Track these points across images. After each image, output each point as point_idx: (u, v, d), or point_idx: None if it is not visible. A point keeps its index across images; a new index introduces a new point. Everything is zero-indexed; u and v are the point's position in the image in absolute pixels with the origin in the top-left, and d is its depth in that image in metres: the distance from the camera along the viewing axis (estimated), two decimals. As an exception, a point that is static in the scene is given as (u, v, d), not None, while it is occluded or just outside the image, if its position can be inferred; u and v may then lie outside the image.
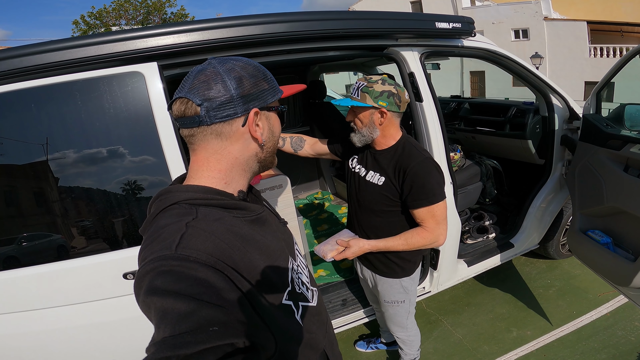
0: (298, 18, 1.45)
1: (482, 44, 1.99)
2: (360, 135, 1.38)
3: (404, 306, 1.62)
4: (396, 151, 1.39)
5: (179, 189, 0.63)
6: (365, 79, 1.33)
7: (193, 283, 0.49)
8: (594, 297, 2.48)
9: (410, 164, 1.31)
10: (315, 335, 0.74)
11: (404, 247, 1.37)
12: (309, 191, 4.00)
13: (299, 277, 0.74)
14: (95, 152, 1.27)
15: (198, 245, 0.53)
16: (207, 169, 0.65)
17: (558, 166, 2.45)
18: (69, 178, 1.28)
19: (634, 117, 1.92)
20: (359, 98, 1.31)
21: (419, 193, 1.30)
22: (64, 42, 1.18)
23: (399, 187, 1.35)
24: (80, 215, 1.34)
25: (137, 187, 1.33)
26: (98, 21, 16.95)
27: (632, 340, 2.10)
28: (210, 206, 0.61)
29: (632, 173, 1.72)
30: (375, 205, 1.42)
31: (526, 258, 2.98)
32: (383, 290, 1.59)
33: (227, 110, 0.61)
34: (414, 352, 1.82)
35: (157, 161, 1.30)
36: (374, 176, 1.41)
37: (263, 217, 0.70)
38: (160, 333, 0.46)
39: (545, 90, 2.30)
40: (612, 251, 1.82)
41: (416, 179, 1.29)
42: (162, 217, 0.59)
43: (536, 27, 19.23)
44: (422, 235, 1.35)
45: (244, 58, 0.67)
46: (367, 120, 1.34)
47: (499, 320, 2.37)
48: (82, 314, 1.37)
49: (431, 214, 1.33)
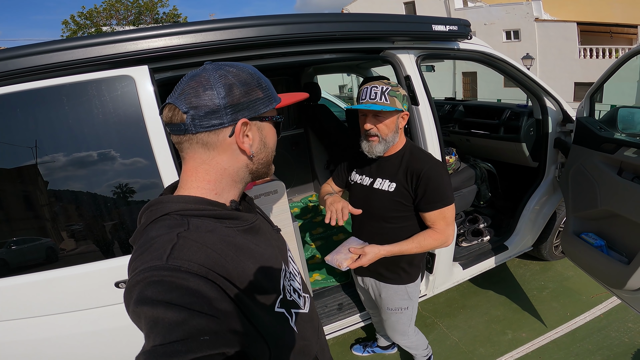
0: (294, 20, 1.42)
1: (477, 46, 1.99)
2: (385, 143, 1.33)
3: (407, 313, 1.61)
4: (404, 156, 1.38)
5: (170, 199, 0.62)
6: (385, 83, 1.28)
7: (184, 293, 0.48)
8: (587, 299, 2.50)
9: (423, 168, 1.30)
10: (309, 342, 0.73)
11: (417, 249, 1.36)
12: (303, 194, 3.97)
13: (291, 284, 0.74)
14: (85, 158, 1.23)
15: (189, 256, 0.52)
16: (196, 179, 0.63)
17: (551, 169, 2.46)
18: (58, 184, 1.24)
19: (627, 120, 1.94)
20: (389, 102, 1.26)
21: (433, 196, 1.31)
22: (50, 45, 1.14)
23: (412, 192, 1.34)
24: (70, 222, 1.30)
25: (129, 194, 1.29)
26: (88, 21, 16.71)
27: (626, 341, 2.12)
28: (202, 217, 0.60)
29: (625, 177, 1.73)
30: (387, 212, 1.40)
31: (520, 260, 3.00)
32: (387, 297, 1.57)
33: (213, 120, 0.59)
34: (424, 351, 1.86)
35: (148, 167, 1.27)
36: (383, 183, 1.39)
37: (256, 225, 0.69)
38: (151, 342, 0.45)
39: (539, 93, 2.31)
40: (606, 254, 1.83)
41: (430, 182, 1.29)
42: (152, 228, 0.58)
43: (527, 28, 19.50)
44: (434, 237, 1.36)
45: (241, 64, 0.65)
46: (394, 126, 1.32)
47: (494, 323, 2.38)
48: (74, 323, 1.34)
49: (442, 216, 1.34)
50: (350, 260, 1.30)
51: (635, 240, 1.67)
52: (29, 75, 1.14)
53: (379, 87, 1.27)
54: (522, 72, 2.20)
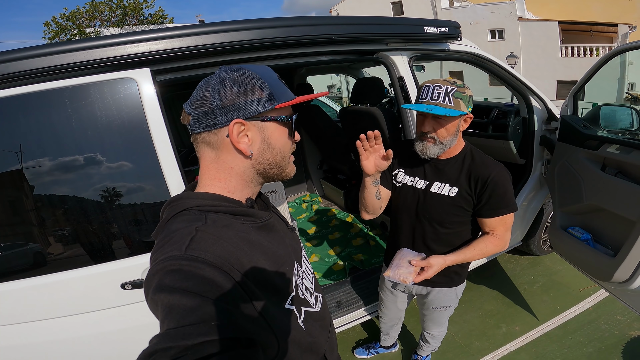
0: (293, 23, 1.45)
1: (467, 47, 2.04)
2: (442, 147, 1.26)
3: (451, 308, 1.64)
4: (464, 159, 1.32)
5: (189, 195, 0.65)
6: (449, 82, 1.19)
7: (200, 281, 0.51)
8: (576, 292, 2.58)
9: (491, 174, 1.25)
10: (317, 339, 0.75)
11: (479, 256, 1.33)
12: (297, 194, 4.00)
13: (303, 283, 0.76)
14: (89, 160, 1.23)
15: (207, 247, 0.55)
16: (209, 177, 0.67)
17: (538, 166, 2.52)
18: (63, 187, 1.24)
19: (609, 118, 2.00)
20: (453, 105, 1.17)
21: (499, 202, 1.27)
22: (50, 47, 1.15)
23: (475, 197, 1.29)
24: (75, 224, 1.30)
25: (133, 195, 1.30)
26: (71, 22, 16.34)
27: (616, 333, 2.18)
28: (219, 212, 0.63)
29: (609, 172, 1.79)
30: (447, 217, 1.35)
31: (510, 255, 3.07)
32: (436, 299, 1.56)
33: (209, 121, 0.62)
34: (438, 344, 1.92)
35: (152, 168, 1.28)
36: (443, 187, 1.33)
37: (270, 223, 0.71)
38: (165, 326, 0.48)
39: (525, 92, 2.37)
40: (593, 247, 1.88)
41: (497, 188, 1.25)
42: (173, 222, 0.61)
43: (511, 27, 19.74)
44: (495, 244, 1.33)
45: (252, 66, 0.66)
46: (455, 130, 1.24)
47: (488, 317, 2.44)
48: (81, 325, 1.34)
49: (503, 222, 1.31)
50: (415, 274, 1.26)
51: (620, 233, 1.72)
52: (31, 78, 1.15)
53: (442, 87, 1.17)
54: (508, 72, 2.26)
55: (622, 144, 1.76)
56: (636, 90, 15.98)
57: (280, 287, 0.66)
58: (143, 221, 1.33)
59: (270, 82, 0.66)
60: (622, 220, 1.71)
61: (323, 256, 2.73)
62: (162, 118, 1.27)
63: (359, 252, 2.70)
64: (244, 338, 0.52)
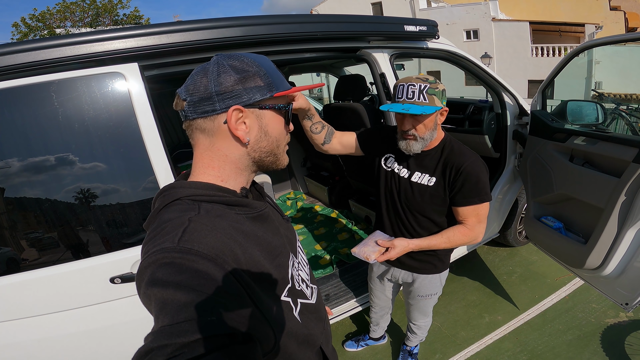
0: (279, 21, 1.48)
1: (444, 45, 2.13)
2: (423, 142, 1.30)
3: (436, 296, 1.68)
4: (443, 150, 1.35)
5: (182, 184, 0.63)
6: (421, 79, 1.22)
7: (194, 274, 0.49)
8: (552, 282, 2.68)
9: (464, 163, 1.28)
10: (313, 332, 0.74)
11: (445, 245, 1.36)
12: (281, 191, 4.01)
13: (299, 274, 0.75)
14: (77, 154, 1.23)
15: (200, 238, 0.53)
16: (203, 165, 0.65)
17: (511, 159, 2.62)
18: (50, 181, 1.23)
19: (575, 113, 2.09)
20: (428, 102, 1.21)
21: (471, 191, 1.29)
22: (39, 42, 1.14)
23: (449, 185, 1.32)
24: (63, 219, 1.29)
25: (122, 189, 1.30)
26: (41, 23, 15.71)
27: (593, 321, 2.28)
28: (213, 202, 0.61)
29: (576, 162, 1.89)
30: (427, 206, 1.38)
31: (489, 247, 3.17)
32: (421, 286, 1.60)
33: (206, 107, 0.61)
34: (425, 334, 1.95)
35: (141, 162, 1.28)
36: (422, 177, 1.37)
37: (265, 213, 0.70)
38: (159, 323, 0.46)
39: (498, 89, 2.47)
40: (564, 235, 1.97)
41: (469, 177, 1.27)
42: (165, 212, 0.60)
43: (485, 27, 20.07)
44: (464, 233, 1.35)
45: (250, 54, 0.65)
46: (432, 124, 1.28)
47: (472, 307, 2.51)
48: (69, 322, 1.33)
49: (476, 212, 1.33)
50: (378, 253, 1.30)
51: (590, 220, 1.80)
52: (16, 73, 1.14)
53: (416, 85, 1.20)
54: (483, 70, 2.36)
55: (588, 135, 1.86)
56: (602, 88, 16.69)
57: (276, 278, 0.64)
58: (131, 214, 1.32)
59: (269, 71, 0.65)
60: (590, 207, 1.80)
61: (310, 251, 2.78)
62: (150, 112, 1.28)
63: (344, 246, 2.76)
64: (240, 333, 0.50)
